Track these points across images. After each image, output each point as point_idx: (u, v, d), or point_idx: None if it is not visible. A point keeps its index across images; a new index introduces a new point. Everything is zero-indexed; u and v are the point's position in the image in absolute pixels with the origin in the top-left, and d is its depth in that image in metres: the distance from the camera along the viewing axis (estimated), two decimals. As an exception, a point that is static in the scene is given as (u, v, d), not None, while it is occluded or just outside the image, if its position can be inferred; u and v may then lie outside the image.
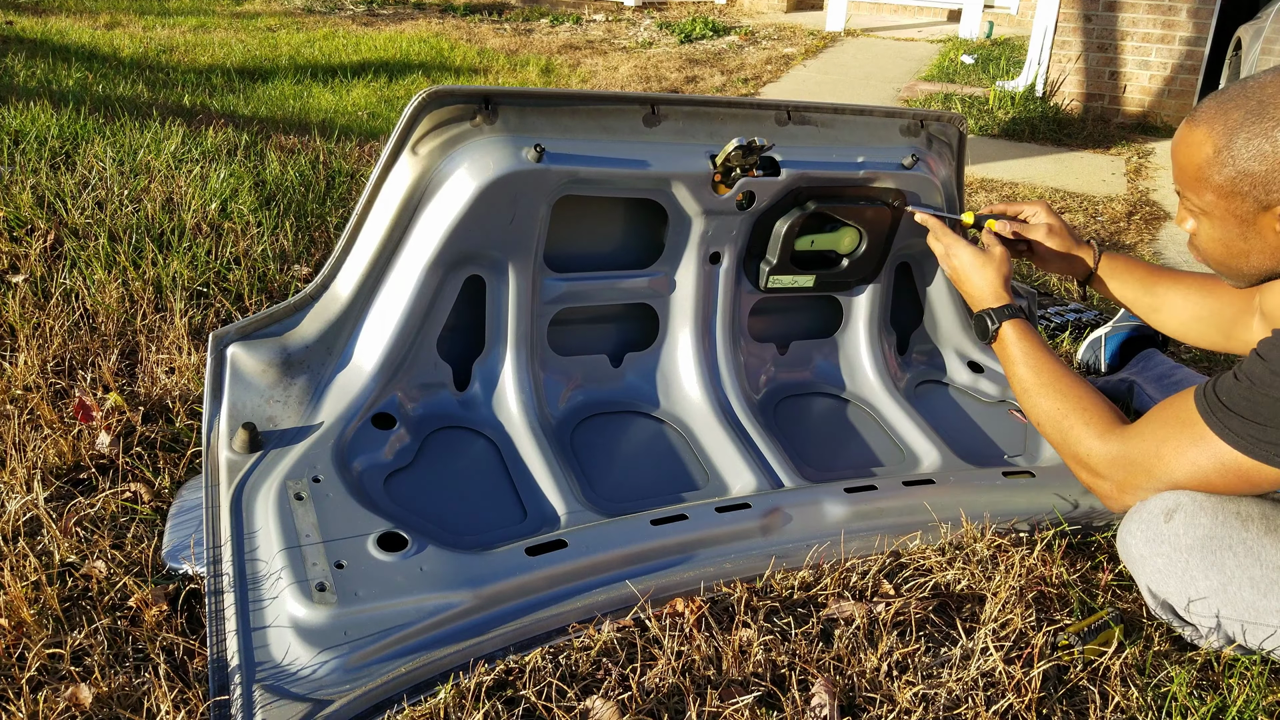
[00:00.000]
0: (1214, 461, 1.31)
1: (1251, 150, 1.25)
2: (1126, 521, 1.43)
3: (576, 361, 1.85)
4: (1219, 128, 1.28)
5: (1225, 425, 1.29)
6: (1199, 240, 1.40)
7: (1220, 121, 1.28)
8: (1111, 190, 4.60)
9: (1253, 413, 1.26)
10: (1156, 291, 1.77)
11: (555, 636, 1.30)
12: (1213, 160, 1.29)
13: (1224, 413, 1.29)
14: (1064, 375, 1.53)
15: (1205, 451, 1.32)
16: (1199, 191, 1.34)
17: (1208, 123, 1.30)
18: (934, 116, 1.95)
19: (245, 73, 6.12)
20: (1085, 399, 1.48)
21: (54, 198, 2.52)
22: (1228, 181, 1.29)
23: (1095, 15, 6.00)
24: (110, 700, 1.17)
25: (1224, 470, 1.31)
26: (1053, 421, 1.50)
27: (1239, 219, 1.31)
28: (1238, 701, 1.28)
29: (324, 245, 2.54)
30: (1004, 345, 1.61)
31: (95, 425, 1.68)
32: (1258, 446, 1.26)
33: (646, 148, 1.70)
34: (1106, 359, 2.30)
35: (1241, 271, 1.38)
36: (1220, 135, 1.28)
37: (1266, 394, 1.24)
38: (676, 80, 6.96)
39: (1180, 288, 1.75)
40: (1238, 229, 1.32)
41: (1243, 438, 1.27)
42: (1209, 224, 1.36)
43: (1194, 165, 1.32)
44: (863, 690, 1.26)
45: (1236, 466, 1.30)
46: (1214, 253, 1.39)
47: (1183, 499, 1.35)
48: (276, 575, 1.28)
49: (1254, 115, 1.25)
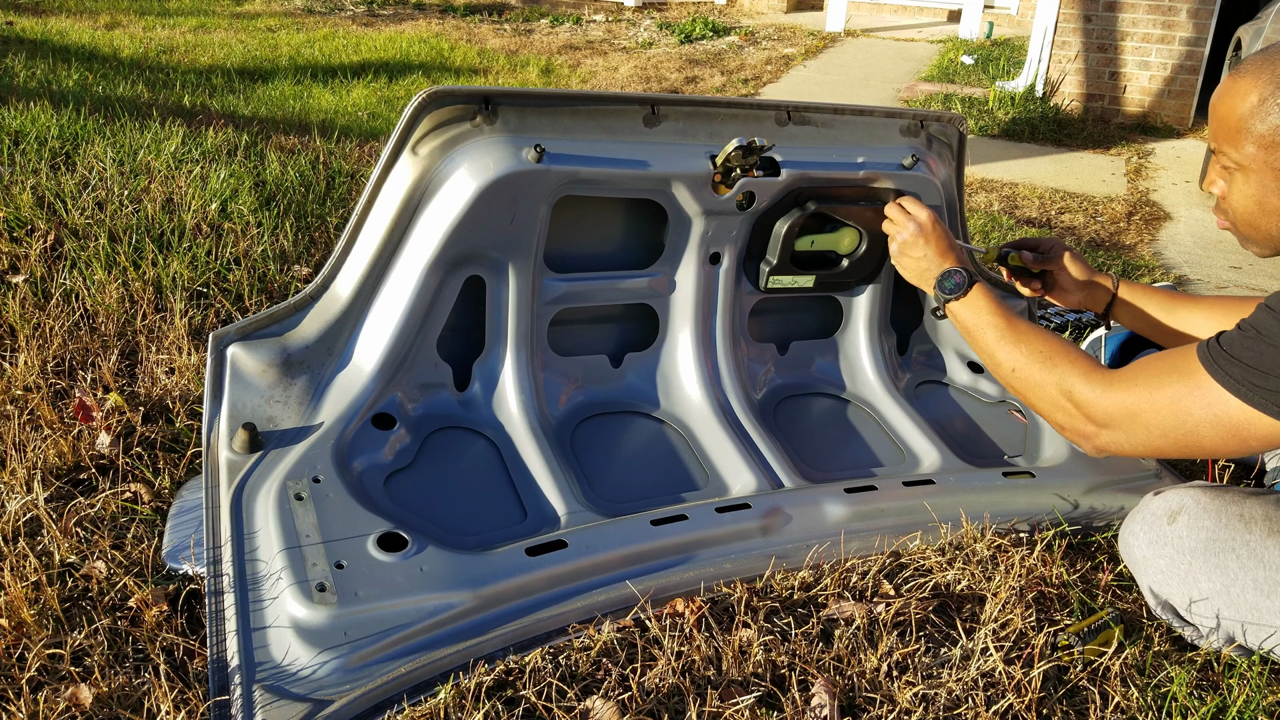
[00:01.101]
0: (1207, 411, 1.28)
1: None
2: (1128, 523, 1.43)
3: (576, 362, 1.85)
4: (1265, 77, 1.30)
5: (1226, 372, 1.26)
6: (1231, 200, 1.40)
7: (1267, 72, 1.31)
8: (1111, 190, 4.60)
9: (1256, 360, 1.23)
10: (1178, 316, 1.76)
11: (555, 637, 1.30)
12: (1256, 109, 1.31)
13: (1226, 359, 1.26)
14: (1040, 328, 1.52)
15: (1200, 400, 1.28)
16: (1238, 144, 1.34)
17: (1253, 74, 1.32)
18: (934, 117, 1.95)
19: (245, 73, 6.12)
20: (1066, 345, 1.47)
21: (54, 198, 2.52)
22: (1270, 130, 1.30)
23: (1095, 15, 6.00)
24: (110, 700, 1.17)
25: (1215, 420, 1.27)
26: (1031, 365, 1.46)
27: (1276, 172, 1.32)
28: (1238, 702, 1.28)
29: (324, 245, 2.54)
30: (975, 301, 1.58)
31: (95, 425, 1.68)
32: (1256, 393, 1.23)
33: (646, 148, 1.70)
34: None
35: (1270, 233, 1.37)
36: (1266, 84, 1.30)
37: (1272, 344, 1.22)
38: (676, 81, 6.96)
39: (1201, 310, 1.74)
40: (1274, 183, 1.33)
41: (1242, 384, 1.24)
42: (1244, 180, 1.36)
43: (1236, 116, 1.33)
44: (863, 690, 1.26)
45: (1228, 416, 1.26)
46: (1245, 211, 1.38)
47: (1186, 500, 1.35)
48: (276, 575, 1.28)
49: None
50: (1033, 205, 4.23)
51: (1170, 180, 4.88)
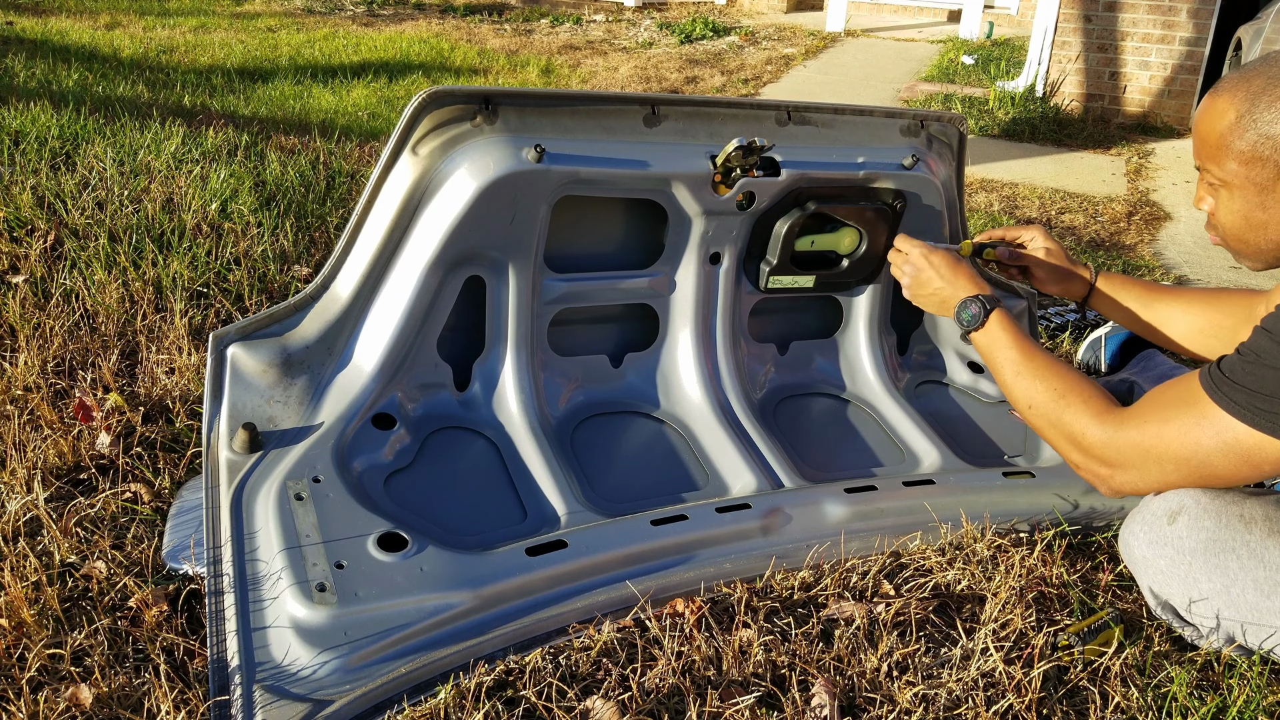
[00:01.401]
0: (1217, 440, 1.29)
1: (1273, 114, 1.28)
2: (1129, 523, 1.43)
3: (577, 362, 1.85)
4: (1241, 94, 1.32)
5: (1230, 398, 1.27)
6: (1218, 216, 1.41)
7: (1243, 89, 1.32)
8: (1111, 190, 4.60)
9: (1259, 385, 1.24)
10: (1155, 308, 1.78)
11: (555, 637, 1.30)
12: (1235, 126, 1.32)
13: (1229, 385, 1.27)
14: (1056, 361, 1.52)
15: (1209, 430, 1.29)
16: (1220, 161, 1.35)
17: (1230, 91, 1.33)
18: (934, 117, 1.95)
19: (245, 73, 6.12)
20: (1081, 382, 1.47)
21: (54, 198, 2.52)
22: (1250, 146, 1.31)
23: (1095, 15, 6.00)
24: (110, 700, 1.17)
25: (1226, 449, 1.29)
26: (1047, 403, 1.47)
27: (1259, 187, 1.33)
28: (1238, 702, 1.28)
29: (324, 245, 2.54)
30: (993, 331, 1.58)
31: (95, 425, 1.68)
32: (1263, 418, 1.24)
33: (646, 148, 1.70)
34: (1106, 359, 2.30)
35: (1259, 247, 1.38)
36: (1243, 101, 1.31)
37: (1272, 367, 1.23)
38: (676, 81, 6.96)
39: (1180, 302, 1.75)
40: (1257, 198, 1.34)
41: (1248, 410, 1.25)
42: (1229, 196, 1.37)
43: (1216, 133, 1.35)
44: (863, 690, 1.26)
45: (1238, 443, 1.27)
46: (1233, 227, 1.39)
47: (1186, 501, 1.35)
48: (277, 575, 1.28)
49: (1275, 81, 1.29)
50: (1033, 205, 4.23)
51: (1170, 180, 4.88)
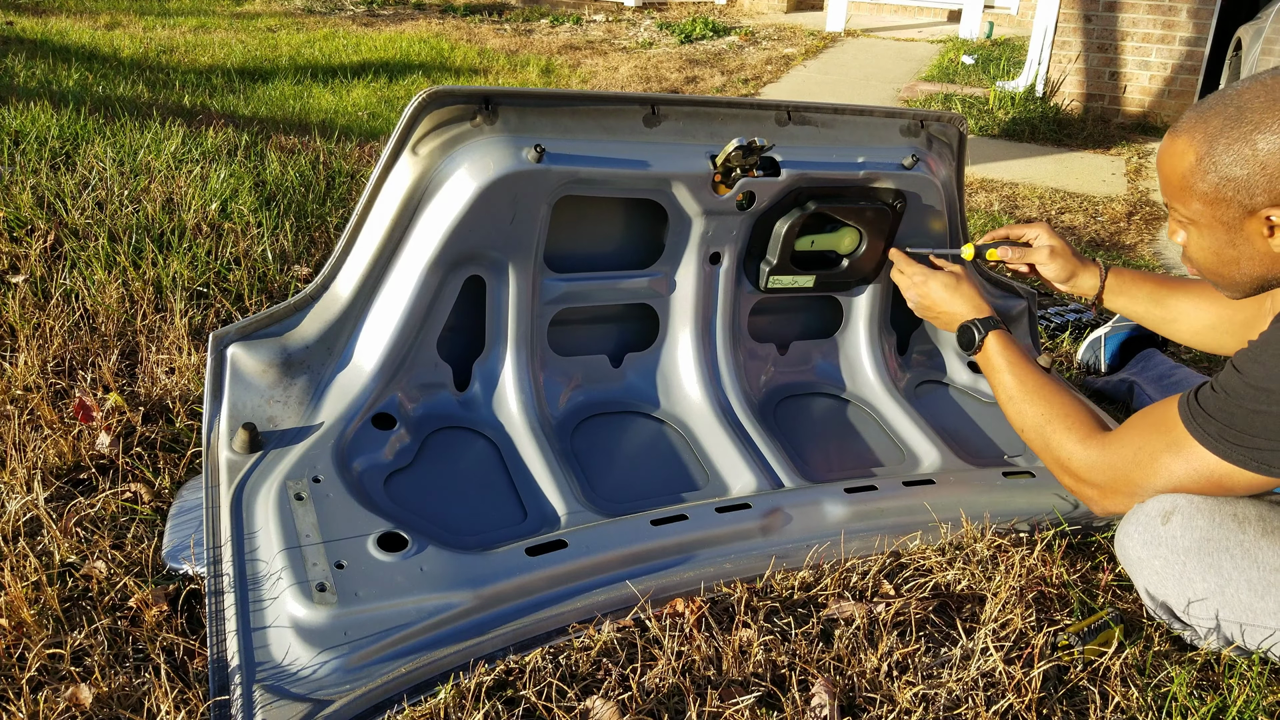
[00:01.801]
0: (1189, 468, 1.34)
1: (1232, 155, 1.26)
2: (1124, 524, 1.43)
3: (576, 362, 1.85)
4: (1199, 136, 1.30)
5: (1204, 430, 1.31)
6: (1190, 252, 1.42)
7: (1200, 130, 1.30)
8: (1111, 190, 4.60)
9: (1229, 420, 1.28)
10: (1168, 304, 1.78)
11: (555, 636, 1.30)
12: (1195, 168, 1.31)
13: (1204, 418, 1.31)
14: (1048, 383, 1.55)
15: (1182, 457, 1.34)
16: (1186, 201, 1.35)
17: (1188, 132, 1.32)
18: (934, 117, 1.95)
19: (245, 73, 6.12)
20: (1068, 405, 1.50)
21: (54, 198, 2.52)
22: (1212, 188, 1.30)
23: (1095, 15, 6.00)
24: (110, 700, 1.17)
25: (1198, 476, 1.33)
26: (1036, 428, 1.52)
27: (1226, 226, 1.32)
28: (1238, 702, 1.28)
29: (324, 245, 2.54)
30: (988, 355, 1.63)
31: (95, 425, 1.68)
32: (1234, 451, 1.29)
33: (646, 148, 1.70)
34: (1106, 359, 2.30)
35: (1234, 280, 1.39)
36: (1201, 143, 1.29)
37: (1240, 405, 1.27)
38: (676, 81, 6.96)
39: (1191, 297, 1.75)
40: (1225, 236, 1.33)
41: (1220, 442, 1.29)
42: (1198, 234, 1.37)
43: (1178, 175, 1.34)
44: (863, 690, 1.26)
45: (1210, 473, 1.32)
46: (1206, 263, 1.40)
47: (1180, 501, 1.35)
48: (277, 575, 1.28)
49: (1232, 121, 1.26)
50: (1033, 205, 4.23)
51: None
